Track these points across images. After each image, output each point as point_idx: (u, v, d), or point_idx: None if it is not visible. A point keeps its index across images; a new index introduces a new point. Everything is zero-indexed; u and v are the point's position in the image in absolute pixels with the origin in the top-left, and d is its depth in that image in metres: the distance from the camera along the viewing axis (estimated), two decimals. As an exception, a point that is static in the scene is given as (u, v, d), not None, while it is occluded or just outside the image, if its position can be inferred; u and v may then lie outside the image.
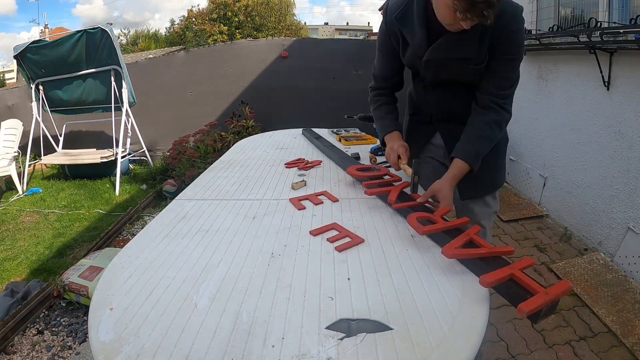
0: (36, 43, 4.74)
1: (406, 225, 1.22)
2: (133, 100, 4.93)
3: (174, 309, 0.84)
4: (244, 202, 1.48)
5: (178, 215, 1.37)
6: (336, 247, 1.08)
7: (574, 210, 3.07)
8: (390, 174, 1.59)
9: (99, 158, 4.79)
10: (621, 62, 2.54)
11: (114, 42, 4.54)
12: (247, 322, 0.79)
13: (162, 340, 0.75)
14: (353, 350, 0.71)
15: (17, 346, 2.12)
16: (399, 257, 1.03)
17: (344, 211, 1.36)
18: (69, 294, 2.42)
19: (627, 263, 2.47)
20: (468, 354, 0.72)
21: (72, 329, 2.24)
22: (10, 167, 4.64)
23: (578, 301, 2.27)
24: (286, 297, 0.87)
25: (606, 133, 2.72)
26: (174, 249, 1.11)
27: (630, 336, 1.96)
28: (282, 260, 1.03)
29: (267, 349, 0.72)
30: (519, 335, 2.04)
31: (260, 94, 5.33)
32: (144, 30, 19.04)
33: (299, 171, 1.85)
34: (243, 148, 2.49)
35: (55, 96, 5.13)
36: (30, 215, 3.99)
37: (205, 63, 5.45)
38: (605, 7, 2.68)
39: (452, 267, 0.98)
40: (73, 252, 3.10)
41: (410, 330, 0.76)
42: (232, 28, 16.19)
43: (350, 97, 5.35)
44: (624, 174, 2.56)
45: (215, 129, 4.72)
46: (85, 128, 5.70)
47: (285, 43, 5.33)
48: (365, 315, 0.80)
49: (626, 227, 2.52)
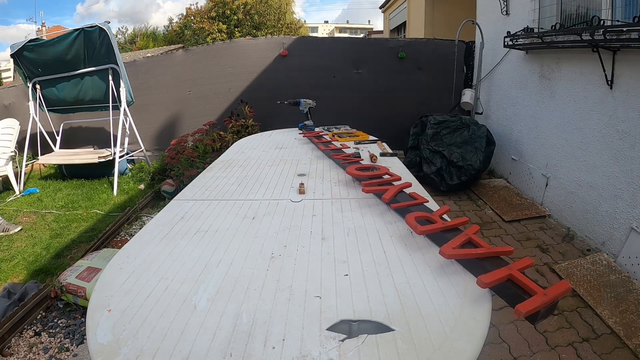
0: (33, 41, 4.71)
1: (407, 225, 1.20)
2: (131, 99, 4.90)
3: (172, 310, 0.83)
4: (243, 202, 1.47)
5: (177, 215, 1.35)
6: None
7: (577, 210, 3.06)
8: (390, 173, 1.58)
9: (97, 158, 4.76)
10: (624, 60, 2.53)
11: (112, 41, 4.51)
12: (247, 324, 0.78)
13: (161, 342, 0.74)
14: (354, 352, 0.70)
15: (14, 348, 2.10)
16: (400, 257, 1.02)
17: (345, 211, 1.34)
18: (66, 295, 2.40)
19: (630, 264, 2.45)
20: (470, 355, 0.71)
21: (70, 331, 2.22)
22: (7, 167, 4.62)
23: (581, 302, 2.26)
24: (286, 298, 0.86)
25: (609, 132, 2.71)
26: (173, 250, 1.10)
27: (633, 338, 1.94)
28: (282, 261, 1.02)
29: (268, 351, 0.71)
30: (521, 336, 2.03)
31: (259, 93, 5.31)
32: (142, 28, 18.99)
33: (298, 172, 1.83)
34: (242, 147, 2.47)
35: (53, 95, 5.10)
36: (28, 216, 3.96)
37: (204, 62, 5.43)
38: (608, 5, 2.66)
39: (454, 268, 0.96)
40: (70, 253, 3.07)
41: (412, 331, 0.75)
42: (231, 26, 16.18)
43: (351, 96, 5.35)
44: (627, 173, 2.54)
45: (214, 129, 4.70)
46: (83, 127, 5.68)
47: (284, 42, 5.32)
48: (367, 316, 0.79)
49: (629, 227, 2.51)
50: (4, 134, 4.85)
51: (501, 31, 3.87)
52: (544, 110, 3.52)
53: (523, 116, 3.86)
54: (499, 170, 4.42)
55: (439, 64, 5.15)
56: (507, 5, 3.96)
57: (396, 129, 4.69)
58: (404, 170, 1.85)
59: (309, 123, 3.03)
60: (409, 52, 5.23)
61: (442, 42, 5.25)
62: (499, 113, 4.38)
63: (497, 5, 4.07)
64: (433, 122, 4.11)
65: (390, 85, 5.32)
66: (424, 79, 5.28)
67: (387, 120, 5.22)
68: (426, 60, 5.24)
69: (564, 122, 3.22)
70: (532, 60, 3.65)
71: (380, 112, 5.34)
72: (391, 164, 1.95)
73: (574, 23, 3.13)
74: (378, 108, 5.36)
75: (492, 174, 4.47)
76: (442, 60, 5.08)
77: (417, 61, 5.25)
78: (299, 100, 3.14)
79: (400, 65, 5.27)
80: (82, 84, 4.96)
